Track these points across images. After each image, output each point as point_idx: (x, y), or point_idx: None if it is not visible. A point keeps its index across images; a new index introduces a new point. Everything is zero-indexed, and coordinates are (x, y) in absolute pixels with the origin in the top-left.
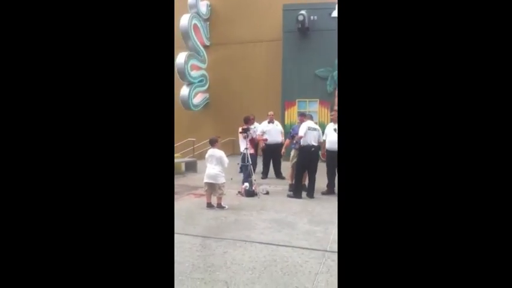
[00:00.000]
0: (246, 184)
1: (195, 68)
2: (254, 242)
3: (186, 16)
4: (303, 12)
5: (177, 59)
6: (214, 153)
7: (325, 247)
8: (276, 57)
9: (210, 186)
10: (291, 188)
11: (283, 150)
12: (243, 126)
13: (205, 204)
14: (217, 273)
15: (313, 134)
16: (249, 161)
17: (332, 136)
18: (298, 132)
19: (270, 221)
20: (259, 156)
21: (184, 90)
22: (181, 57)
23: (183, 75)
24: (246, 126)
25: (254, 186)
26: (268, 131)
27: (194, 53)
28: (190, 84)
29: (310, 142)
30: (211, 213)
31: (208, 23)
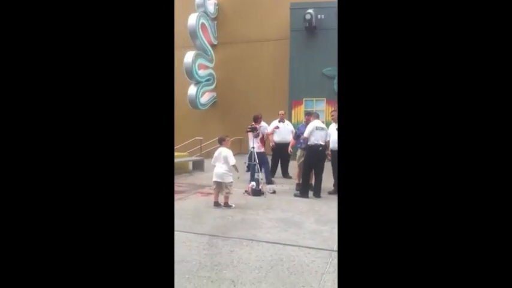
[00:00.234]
0: (253, 183)
1: (202, 67)
2: (261, 241)
3: (194, 15)
4: (310, 11)
5: (184, 58)
6: (222, 152)
7: (331, 247)
8: (283, 56)
9: (218, 185)
10: (298, 187)
11: (289, 149)
12: (251, 125)
13: (213, 203)
14: (224, 271)
15: (320, 133)
16: (255, 160)
17: (335, 136)
18: (304, 132)
19: (276, 220)
20: (269, 155)
21: (192, 89)
22: (189, 57)
23: (190, 74)
24: (252, 125)
25: (261, 185)
26: (278, 130)
27: (202, 52)
28: (197, 83)
29: (318, 141)
30: (218, 212)
31: (215, 22)
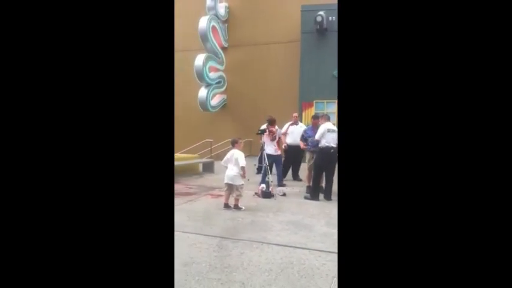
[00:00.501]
0: (263, 185)
1: (213, 69)
2: (271, 243)
3: (205, 18)
4: (321, 13)
5: (195, 61)
6: (234, 154)
7: None
8: (294, 58)
9: (229, 187)
10: (308, 189)
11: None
12: (269, 128)
13: (223, 205)
14: (234, 274)
15: (332, 135)
16: (266, 162)
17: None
18: (315, 135)
19: (286, 222)
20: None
21: (202, 92)
22: (200, 59)
23: (201, 77)
24: (268, 128)
25: (271, 187)
26: (292, 132)
27: (212, 54)
28: (208, 85)
29: (329, 144)
30: (228, 213)
31: (226, 25)
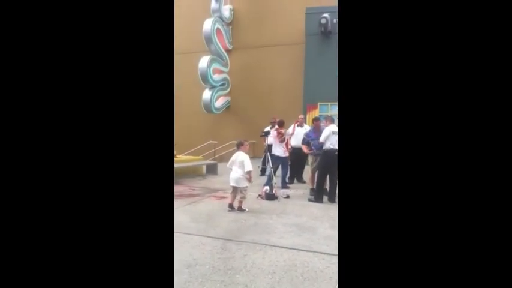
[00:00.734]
0: (267, 187)
1: (217, 71)
2: (274, 246)
3: (209, 20)
4: (326, 15)
5: (199, 63)
6: (239, 156)
7: None
8: (297, 60)
9: (234, 189)
10: (312, 192)
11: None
12: (278, 129)
13: (226, 207)
14: (237, 276)
15: (336, 138)
16: (270, 164)
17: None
18: (320, 137)
19: (290, 225)
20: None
21: (207, 94)
22: (204, 62)
23: (205, 79)
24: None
25: (274, 189)
26: (296, 134)
27: (217, 57)
28: (212, 87)
29: (334, 146)
30: (232, 215)
31: (230, 27)
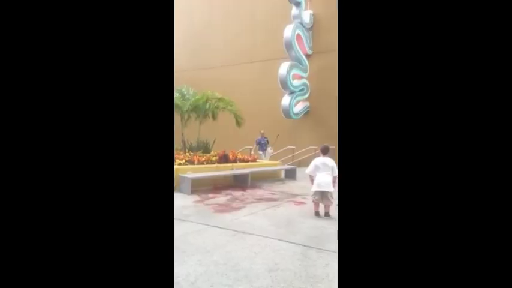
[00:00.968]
0: None
1: (296, 77)
2: None
3: (290, 27)
4: None
5: (279, 69)
6: (327, 161)
7: None
8: None
9: (321, 195)
10: None
11: None
12: None
13: (305, 213)
14: (319, 285)
15: None
16: None
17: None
18: None
19: None
20: None
21: (286, 100)
22: (284, 68)
23: (285, 85)
24: None
25: None
26: None
27: (296, 62)
28: (291, 93)
29: None
30: (311, 222)
31: (311, 32)
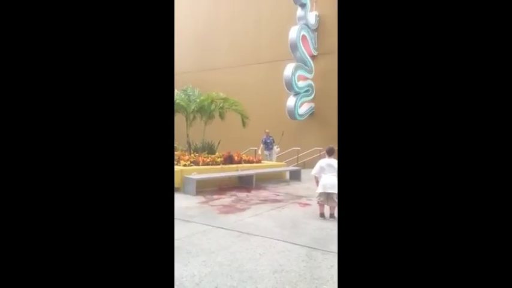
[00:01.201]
0: None
1: (301, 78)
2: None
3: (295, 28)
4: None
5: (284, 70)
6: (333, 163)
7: None
8: None
9: (326, 196)
10: None
11: None
12: None
13: (310, 214)
14: (324, 286)
15: None
16: None
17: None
18: None
19: None
20: None
21: (291, 101)
22: (289, 69)
23: (290, 86)
24: None
25: None
26: None
27: (301, 63)
28: (296, 94)
29: None
30: (316, 223)
31: (316, 33)
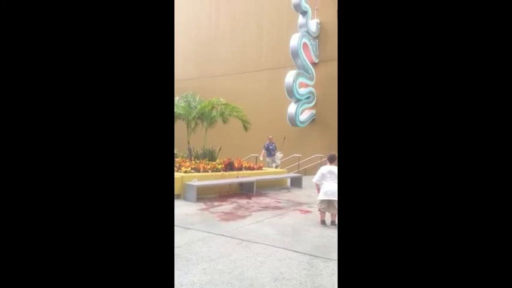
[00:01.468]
0: None
1: (303, 85)
2: None
3: (296, 36)
4: None
5: (286, 77)
6: (334, 170)
7: None
8: None
9: (328, 204)
10: None
11: None
12: None
13: (311, 221)
14: None
15: None
16: None
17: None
18: None
19: None
20: None
21: (292, 108)
22: (290, 76)
23: (291, 93)
24: None
25: None
26: None
27: (303, 70)
28: (297, 101)
29: None
30: (318, 231)
31: (317, 40)
